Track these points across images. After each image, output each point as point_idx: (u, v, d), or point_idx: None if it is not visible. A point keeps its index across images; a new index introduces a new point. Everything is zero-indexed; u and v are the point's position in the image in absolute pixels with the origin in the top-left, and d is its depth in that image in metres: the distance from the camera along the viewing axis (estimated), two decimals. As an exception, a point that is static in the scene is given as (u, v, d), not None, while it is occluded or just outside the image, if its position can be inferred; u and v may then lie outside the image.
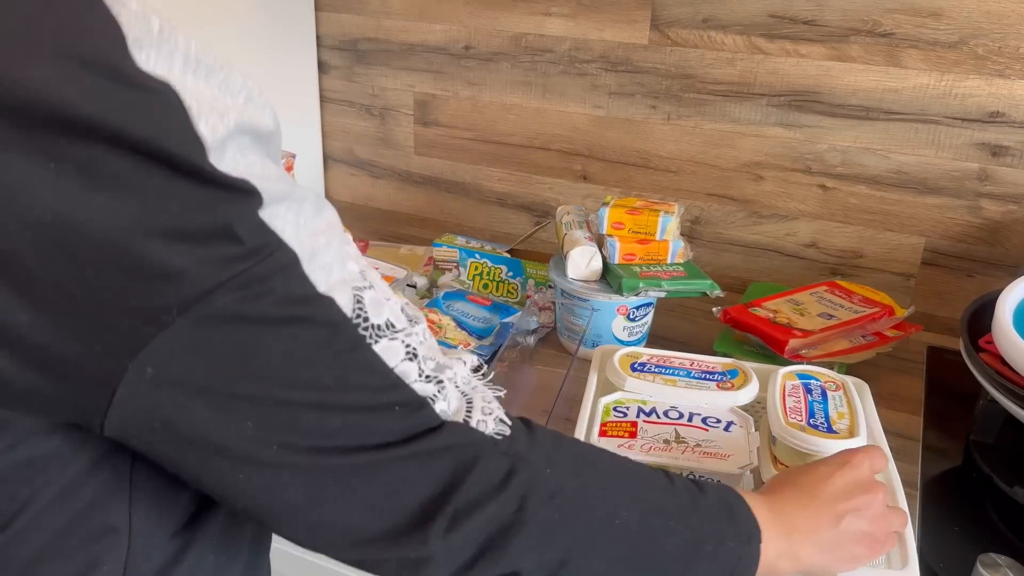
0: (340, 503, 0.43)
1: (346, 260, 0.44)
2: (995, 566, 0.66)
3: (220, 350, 0.38)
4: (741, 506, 0.53)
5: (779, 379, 0.78)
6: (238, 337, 0.38)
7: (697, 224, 1.24)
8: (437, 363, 0.47)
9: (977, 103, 1.03)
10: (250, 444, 0.40)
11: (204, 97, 0.38)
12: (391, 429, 0.43)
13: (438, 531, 0.44)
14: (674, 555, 0.49)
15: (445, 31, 1.29)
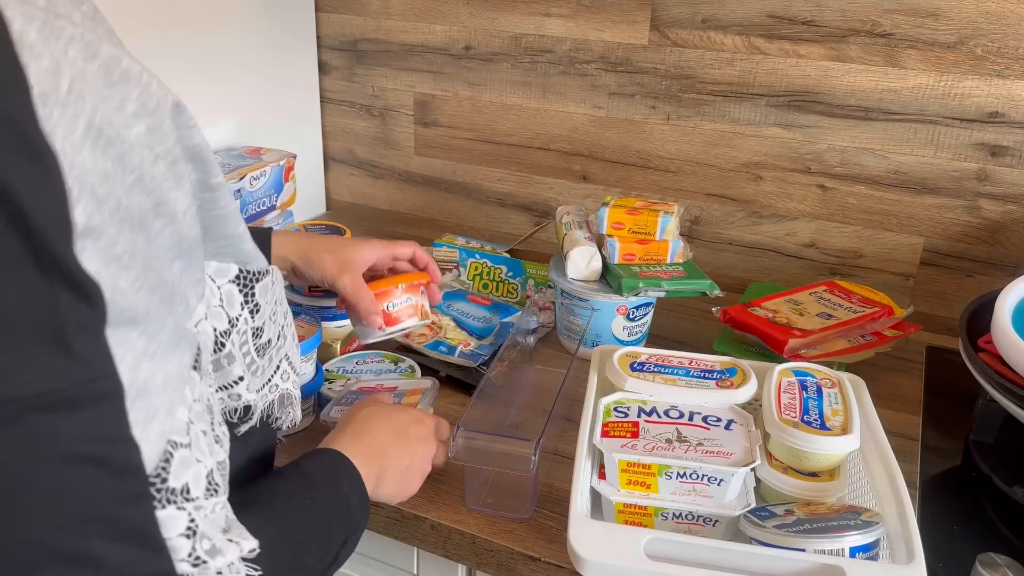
0: None
1: (176, 407, 0.41)
2: (994, 565, 0.66)
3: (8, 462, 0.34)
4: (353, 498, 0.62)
5: (775, 376, 0.78)
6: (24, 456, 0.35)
7: (696, 224, 1.24)
8: (213, 546, 0.43)
9: (976, 103, 1.03)
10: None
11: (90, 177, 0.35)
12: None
13: None
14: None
15: (445, 32, 1.30)
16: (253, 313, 0.53)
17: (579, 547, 0.62)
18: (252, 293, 0.53)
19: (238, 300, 0.52)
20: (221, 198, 0.48)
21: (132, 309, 0.38)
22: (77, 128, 0.35)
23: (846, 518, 0.64)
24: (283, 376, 0.59)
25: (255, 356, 0.55)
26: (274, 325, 0.57)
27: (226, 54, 1.20)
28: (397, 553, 0.83)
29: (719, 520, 0.68)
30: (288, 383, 0.60)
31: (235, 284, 0.52)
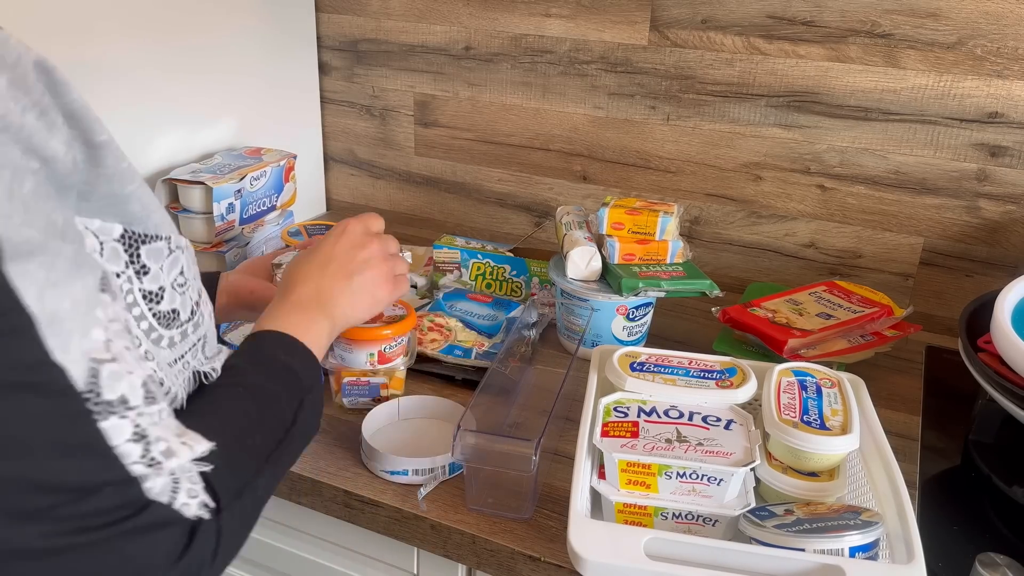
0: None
1: (91, 328, 0.42)
2: (994, 565, 0.66)
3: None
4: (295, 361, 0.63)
5: (775, 376, 0.78)
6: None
7: (696, 224, 1.24)
8: (168, 447, 0.45)
9: (975, 103, 1.03)
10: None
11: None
12: (97, 509, 0.42)
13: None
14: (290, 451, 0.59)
15: (445, 32, 1.30)
16: (139, 274, 0.52)
17: (579, 547, 0.62)
18: (138, 254, 0.52)
19: (123, 259, 0.51)
20: (106, 156, 0.48)
21: (26, 243, 0.39)
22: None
23: (846, 518, 0.64)
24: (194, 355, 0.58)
25: (154, 323, 0.53)
26: (182, 298, 0.56)
27: (226, 54, 1.20)
28: (397, 553, 0.83)
29: (719, 520, 0.68)
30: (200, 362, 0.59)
31: (119, 243, 0.51)
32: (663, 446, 0.69)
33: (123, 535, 0.43)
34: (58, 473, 0.40)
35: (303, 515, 0.85)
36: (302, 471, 0.80)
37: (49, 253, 0.40)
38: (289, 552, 0.90)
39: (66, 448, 0.41)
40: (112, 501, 0.42)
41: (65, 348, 0.40)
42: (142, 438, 0.44)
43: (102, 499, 0.42)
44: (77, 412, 0.41)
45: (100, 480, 0.42)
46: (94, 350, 0.42)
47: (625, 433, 0.71)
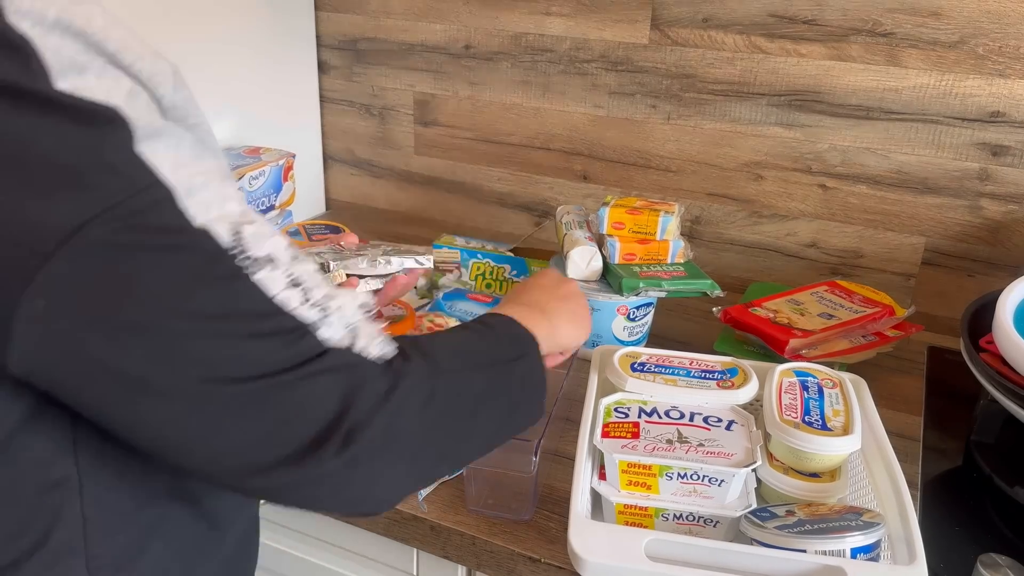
0: (236, 432, 0.44)
1: (226, 200, 0.45)
2: (995, 566, 0.66)
3: (102, 280, 0.39)
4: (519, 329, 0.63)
5: (776, 376, 0.78)
6: (117, 267, 0.39)
7: (697, 224, 1.24)
8: (325, 293, 0.48)
9: (977, 103, 1.03)
10: (141, 374, 0.41)
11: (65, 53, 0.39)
12: (276, 357, 0.44)
13: (332, 451, 0.45)
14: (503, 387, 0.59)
15: (445, 31, 1.29)
16: None
17: (580, 548, 0.61)
18: None
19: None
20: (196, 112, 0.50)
21: (151, 126, 0.42)
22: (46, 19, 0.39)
23: (847, 519, 0.64)
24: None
25: None
26: None
27: (225, 53, 1.19)
28: (396, 554, 0.82)
29: (720, 521, 0.68)
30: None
31: None
32: (664, 447, 0.69)
33: (306, 378, 0.44)
34: (227, 325, 0.43)
35: (302, 516, 0.85)
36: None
37: (174, 136, 0.43)
38: (288, 553, 0.90)
39: (228, 302, 0.43)
40: (287, 348, 0.44)
41: (206, 214, 0.43)
42: (297, 285, 0.46)
43: (276, 347, 0.44)
44: (230, 268, 0.43)
45: (268, 328, 0.44)
46: (232, 216, 0.44)
47: (626, 434, 0.71)
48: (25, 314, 0.38)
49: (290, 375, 0.44)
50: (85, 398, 0.42)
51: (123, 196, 0.39)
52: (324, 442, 0.45)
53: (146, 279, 0.40)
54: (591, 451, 0.72)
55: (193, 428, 0.43)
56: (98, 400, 0.42)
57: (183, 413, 0.43)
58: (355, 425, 0.46)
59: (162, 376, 0.42)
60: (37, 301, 0.38)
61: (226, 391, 0.43)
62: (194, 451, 0.44)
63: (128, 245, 0.40)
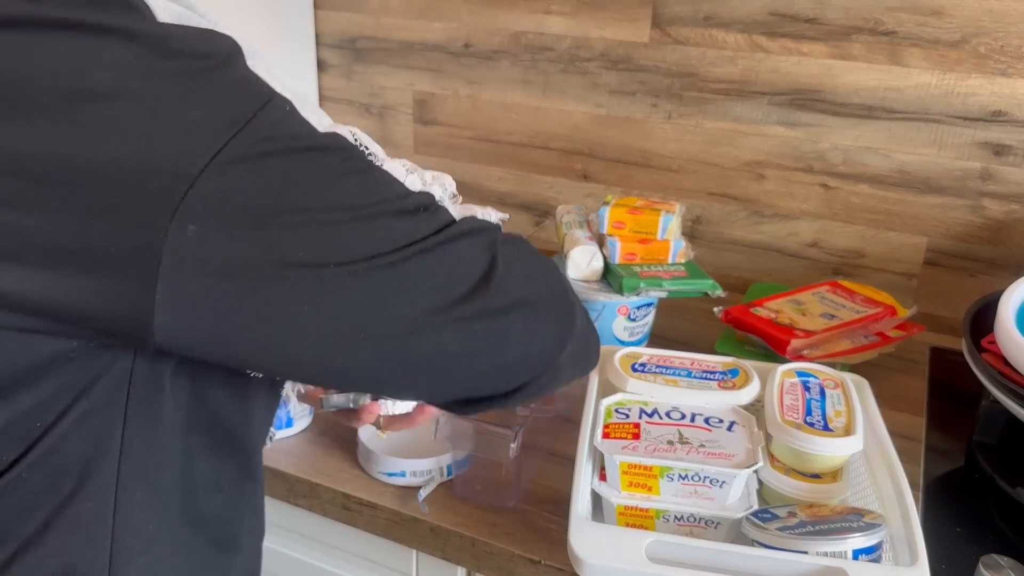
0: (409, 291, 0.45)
1: (322, 115, 0.48)
2: (997, 567, 0.66)
3: (252, 190, 0.40)
4: None
5: (777, 377, 0.77)
6: (266, 174, 0.40)
7: (698, 224, 1.23)
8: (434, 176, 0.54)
9: (979, 102, 1.02)
10: (309, 269, 0.42)
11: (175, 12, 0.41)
12: (424, 226, 0.47)
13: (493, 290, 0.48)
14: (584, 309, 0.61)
15: (444, 29, 1.29)
16: None
17: (580, 550, 0.61)
18: None
19: None
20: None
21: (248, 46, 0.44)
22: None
23: (849, 520, 0.63)
24: None
25: None
26: None
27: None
28: (396, 555, 0.82)
29: (721, 522, 0.67)
30: None
31: None
32: (665, 448, 0.69)
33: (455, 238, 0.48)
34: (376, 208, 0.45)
35: (301, 517, 0.85)
36: (299, 473, 0.80)
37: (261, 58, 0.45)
38: (287, 554, 0.90)
39: (370, 189, 0.45)
40: (430, 220, 0.47)
41: (321, 124, 0.45)
42: (415, 170, 0.53)
43: (421, 219, 0.47)
44: (363, 162, 0.46)
45: (411, 205, 0.47)
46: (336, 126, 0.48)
47: (626, 435, 0.71)
48: (174, 244, 0.37)
49: (440, 237, 0.47)
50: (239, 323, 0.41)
51: (255, 110, 0.41)
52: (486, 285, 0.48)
53: (293, 181, 0.41)
54: (591, 452, 0.72)
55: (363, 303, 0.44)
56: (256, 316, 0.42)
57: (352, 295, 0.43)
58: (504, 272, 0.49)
59: (327, 269, 0.42)
60: (188, 227, 0.38)
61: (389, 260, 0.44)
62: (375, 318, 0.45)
63: (270, 153, 0.41)
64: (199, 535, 0.52)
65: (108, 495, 0.45)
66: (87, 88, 0.37)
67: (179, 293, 0.39)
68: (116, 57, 0.37)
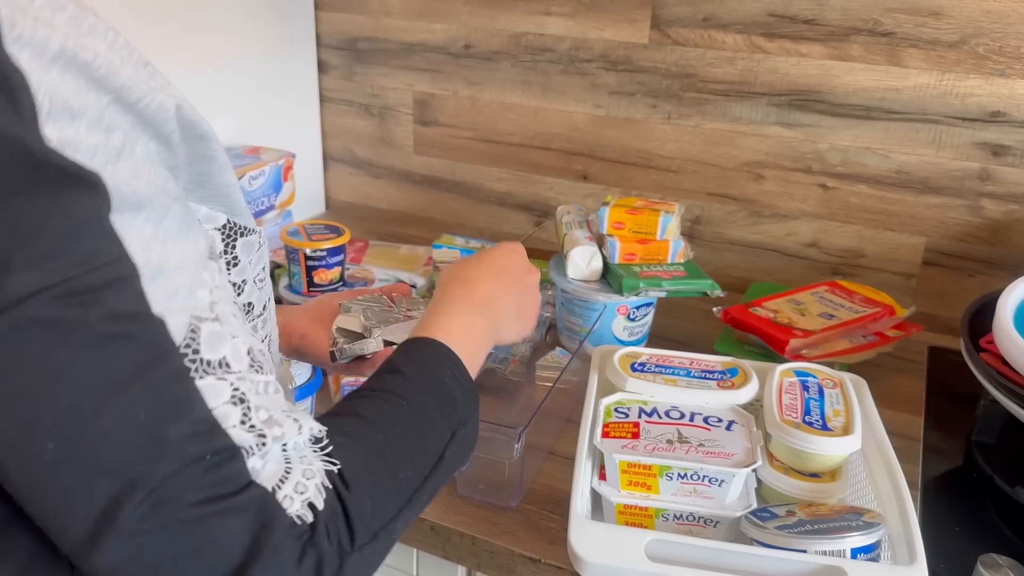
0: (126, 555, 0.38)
1: (196, 288, 0.42)
2: (996, 567, 0.66)
3: (34, 357, 0.36)
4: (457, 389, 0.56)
5: (776, 376, 0.78)
6: (55, 347, 0.36)
7: (698, 224, 1.23)
8: (270, 417, 0.43)
9: (978, 103, 1.03)
10: (47, 467, 0.37)
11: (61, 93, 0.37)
12: (194, 483, 0.39)
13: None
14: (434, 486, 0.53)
15: (445, 30, 1.29)
16: (230, 265, 0.52)
17: (580, 548, 0.61)
18: (234, 245, 0.52)
19: (219, 248, 0.51)
20: (212, 144, 0.48)
21: (134, 195, 0.39)
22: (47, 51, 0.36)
23: (847, 519, 0.63)
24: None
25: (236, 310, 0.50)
26: (259, 293, 0.55)
27: (225, 52, 1.19)
28: (396, 554, 0.82)
29: (720, 521, 0.67)
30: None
31: (219, 232, 0.51)
32: (664, 447, 0.69)
33: (214, 515, 0.39)
34: (152, 432, 0.38)
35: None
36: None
37: (158, 209, 0.40)
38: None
39: (161, 406, 0.39)
40: (206, 474, 0.40)
41: (167, 303, 0.40)
42: (241, 402, 0.42)
43: (197, 470, 0.39)
44: (174, 368, 0.40)
45: (194, 447, 0.39)
46: (197, 308, 0.41)
47: (626, 434, 0.71)
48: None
49: (198, 510, 0.39)
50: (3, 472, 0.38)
51: (81, 270, 0.36)
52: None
53: (81, 366, 0.36)
54: (591, 451, 0.72)
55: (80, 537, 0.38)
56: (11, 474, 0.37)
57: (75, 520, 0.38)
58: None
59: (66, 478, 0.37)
60: None
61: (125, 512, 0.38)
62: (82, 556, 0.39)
63: (71, 324, 0.36)
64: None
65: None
66: None
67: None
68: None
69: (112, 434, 0.37)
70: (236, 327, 0.44)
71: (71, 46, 0.37)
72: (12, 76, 0.35)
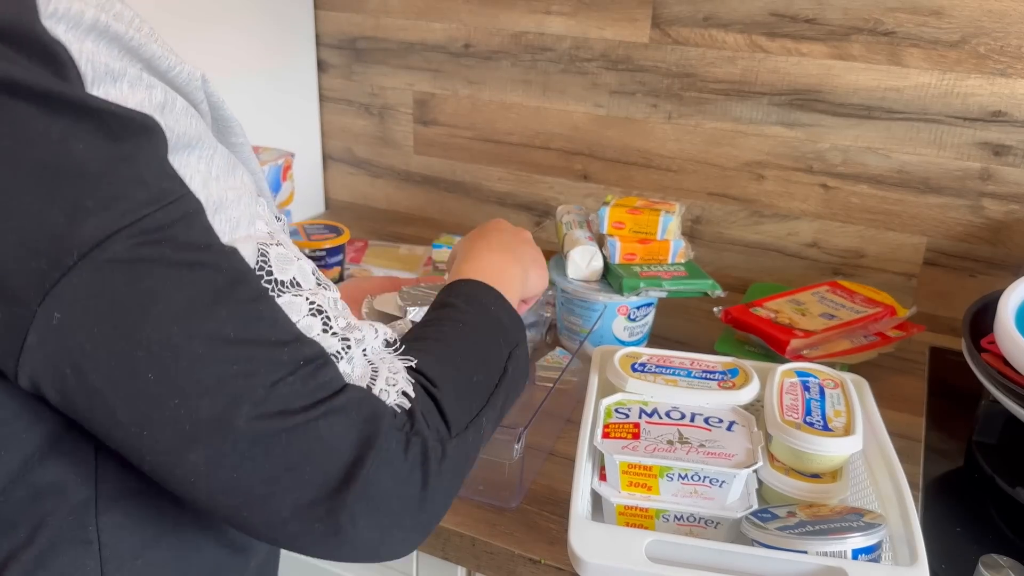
0: (241, 470, 0.41)
1: (255, 219, 0.45)
2: (997, 567, 0.65)
3: (121, 295, 0.38)
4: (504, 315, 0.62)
5: (777, 377, 0.77)
6: (139, 282, 0.38)
7: (698, 224, 1.23)
8: (348, 323, 0.47)
9: (979, 102, 1.02)
10: (151, 397, 0.39)
11: (101, 58, 0.38)
12: (293, 390, 0.42)
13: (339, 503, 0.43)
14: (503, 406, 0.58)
15: (444, 29, 1.29)
16: None
17: (580, 549, 0.61)
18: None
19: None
20: (234, 128, 0.50)
21: (186, 135, 0.41)
22: (82, 23, 0.38)
23: (848, 520, 0.63)
24: None
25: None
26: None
27: (224, 52, 1.19)
28: (396, 554, 0.82)
29: (721, 522, 0.67)
30: None
31: None
32: (664, 447, 0.69)
33: (320, 418, 0.42)
34: (245, 351, 0.41)
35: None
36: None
37: (207, 149, 0.42)
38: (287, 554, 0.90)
39: (249, 325, 0.41)
40: (305, 382, 0.43)
41: (232, 233, 0.43)
42: (320, 313, 0.45)
43: (294, 379, 0.42)
44: (254, 290, 0.43)
45: (288, 356, 0.42)
46: (260, 237, 0.44)
47: (626, 434, 0.71)
48: (40, 326, 0.37)
49: (304, 416, 0.42)
50: (93, 416, 0.40)
51: (150, 209, 0.38)
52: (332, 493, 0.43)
53: (166, 297, 0.39)
54: (591, 452, 0.72)
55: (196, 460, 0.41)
56: (105, 419, 0.40)
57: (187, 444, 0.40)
58: (367, 480, 0.43)
59: (170, 403, 0.39)
60: (53, 314, 0.37)
61: (234, 427, 0.40)
62: (195, 485, 0.42)
63: (151, 260, 0.38)
64: (208, 537, 0.51)
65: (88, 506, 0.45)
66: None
67: (37, 369, 0.39)
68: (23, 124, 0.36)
69: (207, 356, 0.40)
70: (296, 251, 0.47)
71: (103, 19, 0.39)
72: (55, 47, 0.37)
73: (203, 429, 0.40)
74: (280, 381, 0.42)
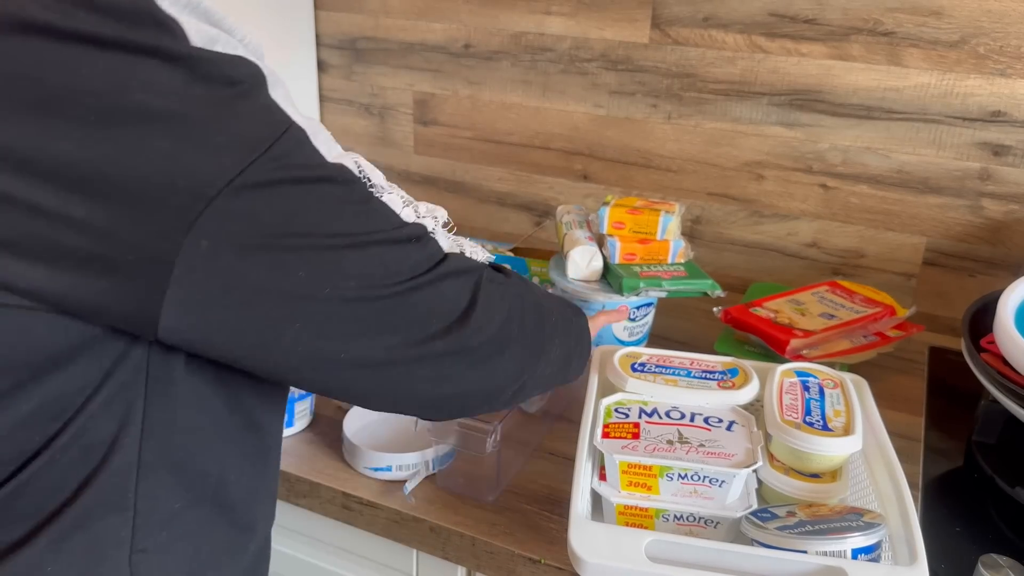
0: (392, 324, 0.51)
1: (333, 143, 0.51)
2: (996, 567, 0.66)
3: (263, 213, 0.44)
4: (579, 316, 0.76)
5: (777, 377, 0.77)
6: (276, 200, 0.44)
7: (698, 224, 1.23)
8: (427, 208, 0.57)
9: (978, 102, 1.02)
10: (306, 290, 0.46)
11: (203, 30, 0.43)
12: (415, 259, 0.53)
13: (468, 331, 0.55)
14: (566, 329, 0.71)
15: (444, 30, 1.29)
16: None
17: (580, 549, 0.61)
18: None
19: None
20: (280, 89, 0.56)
21: (272, 75, 0.47)
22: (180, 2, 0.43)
23: (848, 520, 0.63)
24: None
25: None
26: None
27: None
28: (396, 555, 0.82)
29: (720, 522, 0.67)
30: None
31: None
32: (664, 447, 0.69)
33: (441, 278, 0.54)
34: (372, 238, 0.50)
35: (301, 516, 0.85)
36: (300, 472, 0.80)
37: (281, 87, 0.47)
38: (287, 554, 0.90)
39: (369, 219, 0.50)
40: (421, 251, 0.53)
41: (327, 153, 0.49)
42: (410, 203, 0.55)
43: (413, 251, 0.53)
44: (364, 192, 0.51)
45: (404, 236, 0.52)
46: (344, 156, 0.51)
47: (626, 434, 0.71)
48: (189, 254, 0.41)
49: (428, 276, 0.53)
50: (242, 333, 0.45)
51: (272, 138, 0.44)
52: (462, 324, 0.54)
53: (300, 207, 0.45)
54: (591, 452, 0.72)
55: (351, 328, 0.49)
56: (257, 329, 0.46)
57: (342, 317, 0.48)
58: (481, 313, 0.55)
59: (323, 290, 0.47)
60: (201, 242, 0.41)
61: (379, 293, 0.49)
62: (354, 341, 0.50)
63: (282, 181, 0.44)
64: (223, 516, 0.54)
65: (131, 471, 0.47)
66: (123, 107, 0.40)
67: (185, 299, 0.42)
68: (151, 79, 0.40)
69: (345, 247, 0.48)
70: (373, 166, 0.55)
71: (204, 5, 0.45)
72: (168, 21, 0.42)
73: (352, 304, 0.48)
74: (403, 255, 0.52)
